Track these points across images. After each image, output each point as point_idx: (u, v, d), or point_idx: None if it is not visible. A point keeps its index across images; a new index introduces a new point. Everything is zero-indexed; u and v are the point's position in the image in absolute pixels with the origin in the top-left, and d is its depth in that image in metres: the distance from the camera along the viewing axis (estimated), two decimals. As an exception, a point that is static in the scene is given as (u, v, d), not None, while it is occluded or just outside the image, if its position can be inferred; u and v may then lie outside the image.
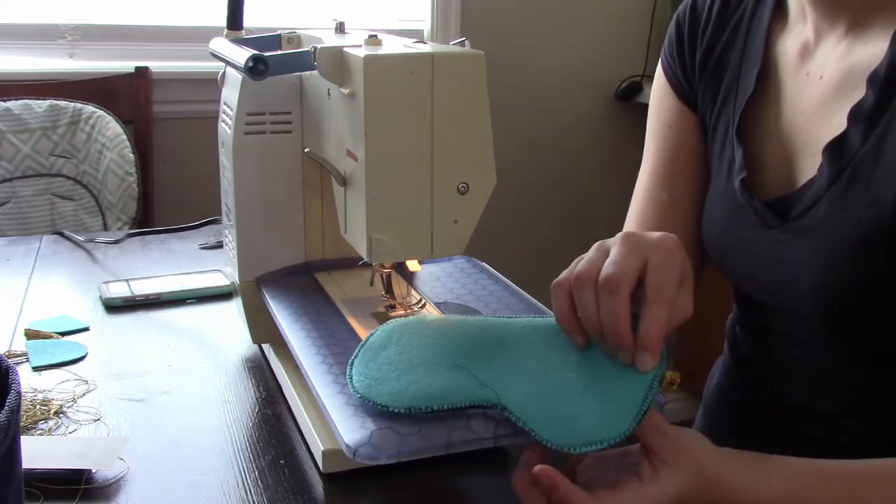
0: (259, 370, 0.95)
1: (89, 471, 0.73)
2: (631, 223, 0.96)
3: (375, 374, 0.69)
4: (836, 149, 0.73)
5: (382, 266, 0.86)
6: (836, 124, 0.74)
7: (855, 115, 0.72)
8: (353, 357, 0.71)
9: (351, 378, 0.69)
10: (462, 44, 0.80)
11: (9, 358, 0.91)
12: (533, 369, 0.68)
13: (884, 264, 0.70)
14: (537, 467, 0.61)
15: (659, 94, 0.95)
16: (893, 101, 0.70)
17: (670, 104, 0.93)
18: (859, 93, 0.72)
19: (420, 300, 0.87)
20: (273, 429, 0.83)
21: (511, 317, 0.76)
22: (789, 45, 0.83)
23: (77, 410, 0.85)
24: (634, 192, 0.96)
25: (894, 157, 0.69)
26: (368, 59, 0.71)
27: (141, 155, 1.89)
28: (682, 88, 0.92)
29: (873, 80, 0.71)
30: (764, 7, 0.85)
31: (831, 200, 0.73)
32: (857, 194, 0.71)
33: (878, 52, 0.72)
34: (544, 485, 0.61)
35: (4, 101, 1.82)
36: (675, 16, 0.93)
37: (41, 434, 0.80)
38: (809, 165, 0.77)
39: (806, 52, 0.81)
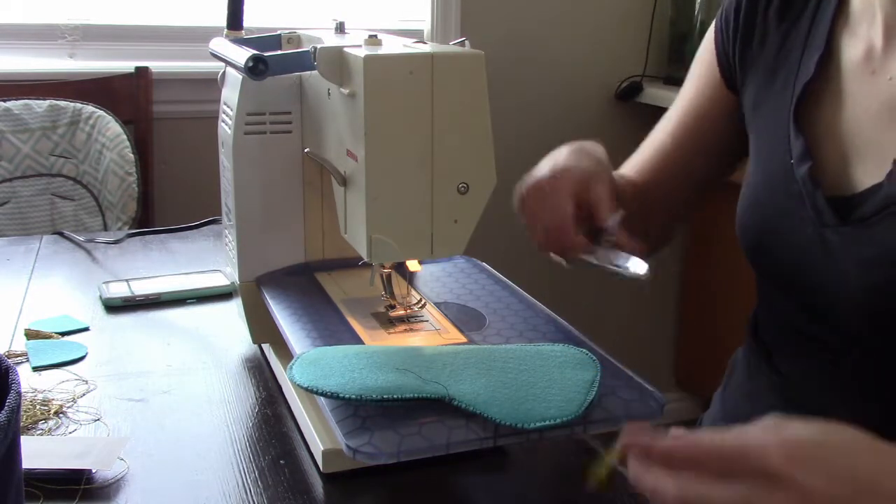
0: (259, 370, 0.95)
1: (89, 471, 0.73)
2: (635, 154, 1.02)
3: (319, 373, 0.69)
4: None
5: (382, 266, 0.86)
6: None
7: None
8: (290, 364, 0.72)
9: (293, 378, 0.70)
10: (462, 44, 0.80)
11: (9, 358, 0.91)
12: (475, 372, 0.70)
13: None
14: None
15: (701, 58, 0.96)
16: None
17: (707, 72, 0.94)
18: None
19: (420, 300, 0.87)
20: (273, 429, 0.83)
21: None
22: (852, 45, 0.80)
23: (77, 410, 0.85)
24: (653, 129, 1.02)
25: None
26: (368, 59, 0.71)
27: (141, 155, 1.89)
28: (726, 61, 0.91)
29: None
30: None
31: None
32: None
33: None
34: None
35: (4, 101, 1.82)
36: None
37: (41, 434, 0.80)
38: (873, 168, 0.74)
39: (871, 55, 0.78)
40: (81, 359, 0.96)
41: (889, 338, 0.74)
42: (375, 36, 0.78)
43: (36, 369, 0.93)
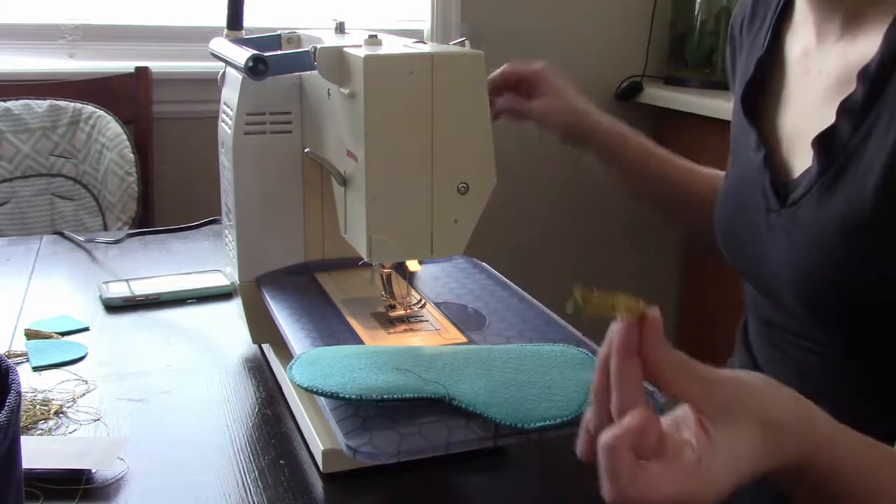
0: (259, 370, 0.95)
1: (89, 471, 0.73)
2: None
3: (319, 373, 0.69)
4: (825, 141, 0.76)
5: (382, 266, 0.86)
6: (831, 118, 0.76)
7: (845, 108, 0.74)
8: (290, 364, 0.72)
9: (293, 378, 0.70)
10: (462, 44, 0.80)
11: (9, 358, 0.91)
12: (475, 372, 0.70)
13: (863, 257, 0.72)
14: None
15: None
16: (882, 96, 0.72)
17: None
18: (853, 88, 0.75)
19: (420, 300, 0.87)
20: (273, 429, 0.83)
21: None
22: (794, 45, 0.86)
23: (77, 410, 0.85)
24: None
25: (876, 150, 0.71)
26: (368, 59, 0.71)
27: (141, 155, 1.89)
28: (729, 76, 1.00)
29: (864, 74, 0.73)
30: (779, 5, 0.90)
31: (819, 191, 0.76)
32: (843, 186, 0.73)
33: (874, 48, 0.74)
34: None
35: (4, 101, 1.82)
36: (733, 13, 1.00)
37: (41, 434, 0.80)
38: (807, 156, 0.79)
39: (807, 52, 0.84)
40: (81, 359, 0.96)
41: (838, 323, 0.76)
42: (375, 36, 0.78)
43: (36, 369, 0.93)
